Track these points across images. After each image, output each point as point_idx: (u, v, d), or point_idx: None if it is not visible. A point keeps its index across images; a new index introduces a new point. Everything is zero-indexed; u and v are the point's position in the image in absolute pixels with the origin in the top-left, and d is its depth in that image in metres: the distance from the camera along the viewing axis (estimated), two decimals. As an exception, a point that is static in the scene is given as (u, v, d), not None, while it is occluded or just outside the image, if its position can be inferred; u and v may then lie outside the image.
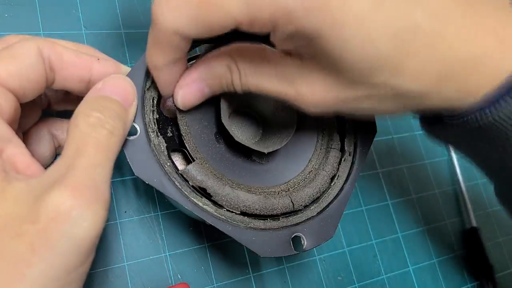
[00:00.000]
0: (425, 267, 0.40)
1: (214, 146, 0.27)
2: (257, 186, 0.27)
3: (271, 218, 0.26)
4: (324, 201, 0.28)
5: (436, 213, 0.43)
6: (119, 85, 0.23)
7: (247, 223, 0.25)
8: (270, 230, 0.25)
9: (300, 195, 0.27)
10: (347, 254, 0.37)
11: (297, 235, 0.25)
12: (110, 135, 0.20)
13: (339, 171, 0.29)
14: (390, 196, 0.41)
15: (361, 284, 0.37)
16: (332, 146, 0.29)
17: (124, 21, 0.36)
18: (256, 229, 0.25)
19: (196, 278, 0.31)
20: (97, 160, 0.19)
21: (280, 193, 0.27)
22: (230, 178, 0.27)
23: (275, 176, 0.28)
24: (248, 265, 0.33)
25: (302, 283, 0.35)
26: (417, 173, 0.44)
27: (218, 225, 0.24)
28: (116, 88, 0.22)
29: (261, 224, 0.25)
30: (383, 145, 0.43)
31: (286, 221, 0.26)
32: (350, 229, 0.38)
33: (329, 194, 0.28)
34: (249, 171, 0.28)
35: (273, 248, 0.24)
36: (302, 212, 0.27)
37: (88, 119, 0.20)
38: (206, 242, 0.33)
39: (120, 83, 0.23)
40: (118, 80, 0.23)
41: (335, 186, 0.28)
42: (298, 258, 0.35)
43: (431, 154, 0.45)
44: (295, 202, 0.27)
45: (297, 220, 0.26)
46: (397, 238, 0.40)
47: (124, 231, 0.31)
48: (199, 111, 0.27)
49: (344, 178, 0.29)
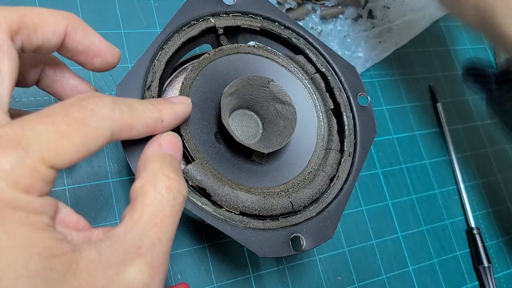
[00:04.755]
0: (425, 267, 0.40)
1: (214, 146, 0.27)
2: (256, 186, 0.27)
3: (270, 218, 0.26)
4: (323, 201, 0.28)
5: (436, 213, 0.43)
6: (176, 142, 0.22)
7: (246, 223, 0.25)
8: (269, 230, 0.25)
9: (299, 195, 0.27)
10: (347, 254, 0.37)
11: (296, 235, 0.25)
12: (183, 202, 0.20)
13: (338, 171, 0.29)
14: (390, 196, 0.41)
15: (361, 284, 0.37)
16: (331, 147, 0.30)
17: (124, 21, 0.36)
18: (255, 229, 0.25)
19: (196, 278, 0.31)
20: (172, 233, 0.19)
21: (280, 194, 0.27)
22: (230, 178, 0.27)
23: (275, 176, 0.28)
24: (248, 265, 0.33)
25: (302, 283, 0.35)
26: (417, 173, 0.44)
27: (217, 224, 0.24)
28: (173, 146, 0.21)
29: (260, 224, 0.25)
30: (383, 145, 0.43)
31: (285, 222, 0.26)
32: (350, 229, 0.38)
33: (329, 195, 0.28)
34: (249, 172, 0.28)
35: (272, 248, 0.24)
36: (301, 212, 0.27)
37: (169, 181, 0.19)
38: (206, 242, 0.33)
39: (176, 141, 0.22)
40: (174, 137, 0.22)
41: (335, 187, 0.28)
42: (298, 258, 0.35)
43: (431, 154, 0.45)
44: (294, 203, 0.27)
45: (296, 221, 0.26)
46: (397, 238, 0.40)
47: (124, 231, 0.31)
48: (199, 111, 0.27)
49: (344, 179, 0.29)
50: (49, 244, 0.16)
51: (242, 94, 0.29)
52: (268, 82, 0.29)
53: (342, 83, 0.31)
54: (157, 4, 0.38)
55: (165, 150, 0.21)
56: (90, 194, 0.31)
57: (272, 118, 0.29)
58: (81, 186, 0.31)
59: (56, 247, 0.16)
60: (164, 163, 0.20)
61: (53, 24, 0.20)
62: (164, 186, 0.19)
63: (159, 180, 0.19)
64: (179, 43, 0.27)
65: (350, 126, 0.30)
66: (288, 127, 0.28)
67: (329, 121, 0.31)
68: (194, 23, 0.28)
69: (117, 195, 0.31)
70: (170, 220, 0.19)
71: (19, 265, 0.15)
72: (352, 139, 0.30)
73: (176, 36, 0.27)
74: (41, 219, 0.16)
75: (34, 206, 0.16)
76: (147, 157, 0.20)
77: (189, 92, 0.27)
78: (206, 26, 0.28)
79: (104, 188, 0.31)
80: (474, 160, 0.47)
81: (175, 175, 0.19)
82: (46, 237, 0.16)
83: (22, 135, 0.16)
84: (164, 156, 0.21)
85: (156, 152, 0.21)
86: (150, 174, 0.19)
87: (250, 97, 0.29)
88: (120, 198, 0.31)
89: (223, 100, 0.26)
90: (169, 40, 0.27)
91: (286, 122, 0.29)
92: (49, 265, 0.16)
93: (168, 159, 0.21)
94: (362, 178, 0.41)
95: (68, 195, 0.30)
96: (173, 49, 0.27)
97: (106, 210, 0.31)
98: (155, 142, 0.21)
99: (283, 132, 0.28)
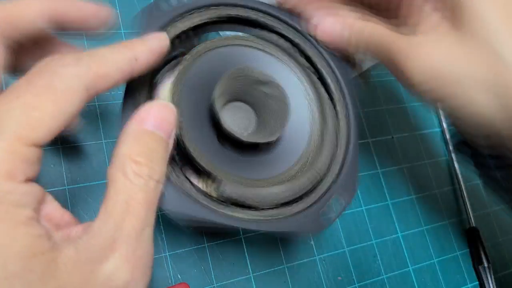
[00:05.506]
0: (425, 267, 0.40)
1: (223, 151, 0.26)
2: (276, 174, 0.27)
3: (300, 198, 0.27)
4: (337, 160, 0.28)
5: (436, 213, 0.43)
6: (163, 115, 0.19)
7: (284, 213, 0.25)
8: (309, 207, 0.26)
9: (318, 164, 0.27)
10: (347, 254, 0.37)
11: (334, 198, 0.27)
12: (157, 186, 0.18)
13: (340, 126, 0.29)
14: (390, 196, 0.41)
15: (361, 284, 0.37)
16: (326, 111, 0.30)
17: (124, 21, 0.36)
18: (296, 214, 0.25)
19: (196, 278, 0.31)
20: (148, 220, 0.18)
21: (299, 172, 0.27)
22: (247, 177, 0.26)
23: (284, 158, 0.28)
24: (248, 265, 0.33)
25: (302, 283, 0.35)
26: (417, 173, 0.44)
27: (262, 227, 0.24)
28: (160, 120, 0.19)
29: (295, 208, 0.26)
30: (383, 145, 0.43)
31: (314, 195, 0.27)
32: (350, 229, 0.38)
33: (339, 154, 0.28)
34: (259, 164, 0.27)
35: (316, 221, 0.25)
36: (326, 178, 0.27)
37: (137, 167, 0.18)
38: (206, 242, 0.33)
39: (164, 112, 0.20)
40: (162, 109, 0.20)
41: (341, 144, 0.29)
42: (298, 258, 0.35)
43: (431, 154, 0.45)
44: (319, 171, 0.27)
45: (326, 186, 0.27)
46: (397, 238, 0.40)
47: (124, 231, 0.31)
48: (195, 114, 0.26)
49: (345, 133, 0.29)
50: (28, 242, 0.15)
51: (229, 91, 0.28)
52: (251, 70, 0.28)
53: (315, 47, 0.30)
54: (157, 4, 0.38)
55: (147, 126, 0.19)
56: (90, 194, 0.31)
57: (263, 103, 0.29)
58: (81, 186, 0.31)
59: (35, 245, 0.16)
60: (136, 145, 0.18)
61: (32, 10, 0.20)
62: (132, 172, 0.18)
63: (127, 166, 0.18)
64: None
65: (337, 89, 0.30)
66: (282, 108, 0.28)
67: (316, 90, 0.30)
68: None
69: (117, 195, 0.31)
70: (145, 207, 0.18)
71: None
72: (342, 101, 0.30)
73: None
74: (22, 212, 0.16)
75: (16, 196, 0.16)
76: (122, 138, 0.19)
77: (178, 105, 0.25)
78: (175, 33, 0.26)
79: (104, 188, 0.31)
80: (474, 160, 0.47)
81: (145, 159, 0.18)
82: (26, 234, 0.16)
83: None
84: (140, 135, 0.19)
85: (132, 130, 0.19)
86: (119, 159, 0.18)
87: (238, 90, 0.28)
88: (120, 198, 0.31)
89: (216, 106, 0.26)
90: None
91: (277, 103, 0.28)
92: (28, 266, 0.15)
93: (144, 139, 0.19)
94: (362, 178, 0.41)
95: (68, 195, 0.30)
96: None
97: (106, 210, 0.31)
98: (136, 117, 0.19)
99: (278, 114, 0.28)
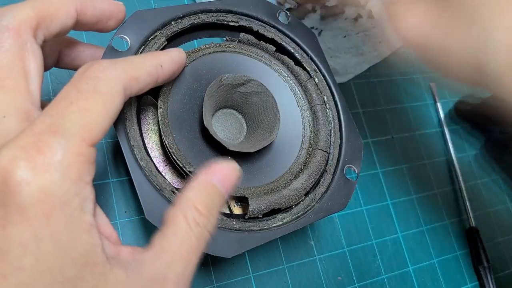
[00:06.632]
0: (425, 267, 0.40)
1: (209, 157, 0.26)
2: (274, 179, 0.28)
3: (320, 180, 0.28)
4: (336, 134, 0.30)
5: (436, 213, 0.43)
6: (228, 174, 0.21)
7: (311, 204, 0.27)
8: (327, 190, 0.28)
9: (320, 142, 0.29)
10: (347, 254, 0.37)
11: (348, 167, 0.29)
12: (208, 237, 0.20)
13: (329, 106, 0.30)
14: (390, 196, 0.41)
15: (361, 284, 0.37)
16: (316, 102, 0.30)
17: (124, 21, 0.36)
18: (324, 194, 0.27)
19: (196, 278, 0.31)
20: (194, 268, 0.19)
21: (309, 155, 0.29)
22: (248, 186, 0.26)
23: (279, 163, 0.28)
24: (248, 265, 0.33)
25: (302, 283, 0.35)
26: (417, 173, 0.44)
27: (279, 233, 0.25)
28: (224, 177, 0.21)
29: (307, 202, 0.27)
30: (383, 145, 0.43)
31: (329, 176, 0.28)
32: (350, 229, 0.38)
33: (335, 128, 0.30)
34: (255, 171, 0.28)
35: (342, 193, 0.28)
36: (331, 155, 0.29)
37: (198, 215, 0.19)
38: (206, 242, 0.33)
39: (230, 173, 0.21)
40: (228, 168, 0.21)
41: (333, 119, 0.30)
42: (298, 258, 0.35)
43: (431, 154, 0.45)
44: (325, 149, 0.29)
45: (335, 162, 0.29)
46: (397, 238, 0.40)
47: (124, 231, 0.31)
48: (185, 121, 0.26)
49: (334, 107, 0.31)
50: (85, 249, 0.16)
51: (217, 101, 0.28)
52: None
53: (304, 50, 0.31)
54: (157, 4, 0.38)
55: (214, 181, 0.20)
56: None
57: (249, 103, 0.29)
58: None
59: (90, 255, 0.16)
60: (201, 195, 0.20)
61: (65, 9, 0.21)
62: (193, 219, 0.19)
63: (189, 212, 0.19)
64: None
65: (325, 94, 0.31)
66: (269, 101, 0.28)
67: (306, 92, 0.31)
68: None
69: (117, 195, 0.31)
70: (195, 255, 0.19)
71: (56, 270, 0.15)
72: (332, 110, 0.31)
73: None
74: (84, 218, 0.17)
75: (81, 200, 0.17)
76: (193, 184, 0.20)
77: (169, 117, 0.26)
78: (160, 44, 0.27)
79: (104, 188, 0.31)
80: (474, 160, 0.47)
81: (205, 210, 0.19)
82: (85, 242, 0.16)
83: (55, 124, 0.16)
84: (206, 187, 0.20)
85: (202, 180, 0.20)
86: (184, 201, 0.19)
87: (224, 98, 0.29)
88: (120, 198, 0.31)
89: (206, 102, 0.26)
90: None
91: (261, 98, 0.28)
92: (80, 274, 0.16)
93: (208, 191, 0.20)
94: (362, 178, 0.41)
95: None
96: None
97: (106, 210, 0.31)
98: (208, 170, 0.21)
99: (266, 109, 0.28)
